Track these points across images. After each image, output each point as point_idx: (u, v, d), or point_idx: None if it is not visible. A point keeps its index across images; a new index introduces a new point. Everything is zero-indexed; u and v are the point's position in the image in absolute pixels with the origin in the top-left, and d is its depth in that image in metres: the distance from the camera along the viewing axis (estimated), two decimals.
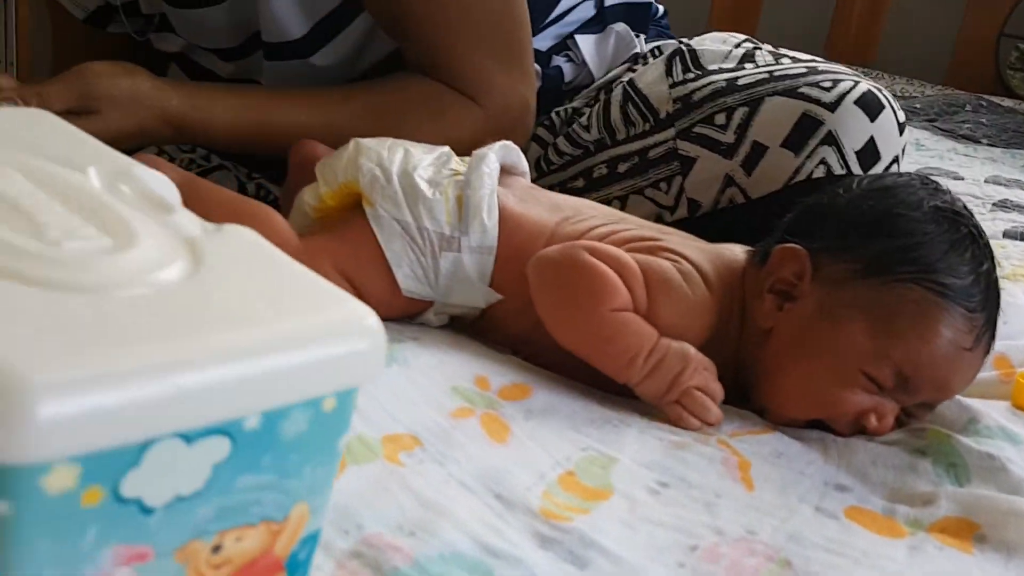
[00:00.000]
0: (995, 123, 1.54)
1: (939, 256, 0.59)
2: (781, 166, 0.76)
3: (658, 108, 0.83)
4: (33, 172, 0.40)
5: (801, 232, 0.64)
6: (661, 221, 0.81)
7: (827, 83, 0.76)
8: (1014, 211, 1.13)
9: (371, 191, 0.65)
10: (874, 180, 0.66)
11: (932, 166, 1.28)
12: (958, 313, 0.58)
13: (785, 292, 0.62)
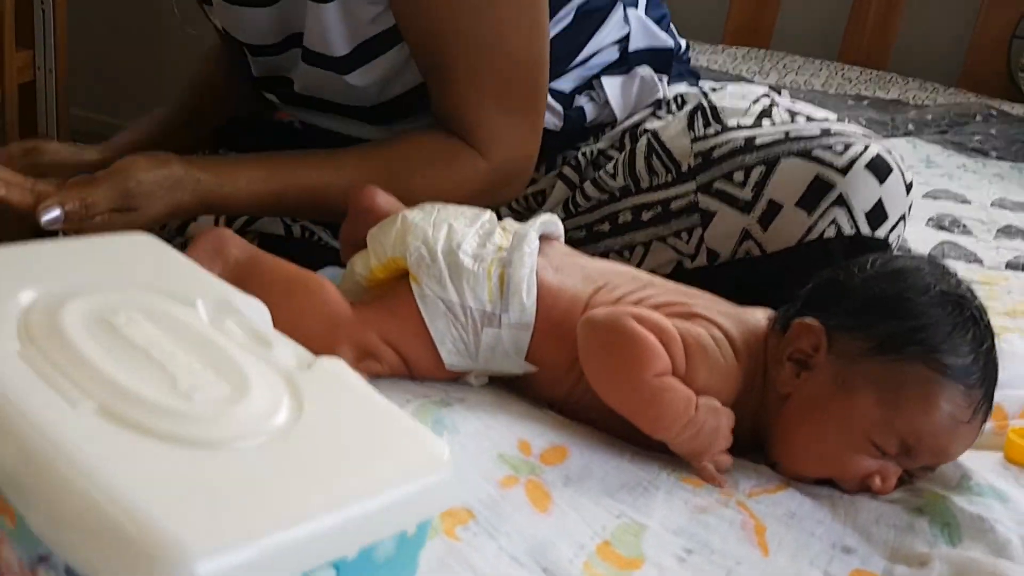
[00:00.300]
0: (1004, 133, 1.58)
1: (943, 338, 0.65)
2: (795, 224, 0.82)
3: (680, 161, 0.88)
4: (153, 312, 0.47)
5: (818, 306, 0.70)
6: (681, 268, 0.88)
7: (840, 147, 0.81)
8: (1017, 238, 1.18)
9: (417, 270, 0.71)
10: (887, 262, 0.71)
11: (941, 187, 1.32)
12: (958, 390, 0.65)
13: (803, 361, 0.69)
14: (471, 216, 0.77)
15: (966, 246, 1.14)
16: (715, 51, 1.86)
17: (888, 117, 1.60)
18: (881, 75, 1.85)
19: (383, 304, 0.73)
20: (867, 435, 0.65)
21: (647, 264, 0.89)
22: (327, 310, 0.73)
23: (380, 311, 0.72)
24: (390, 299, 0.73)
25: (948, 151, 1.48)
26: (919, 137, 1.52)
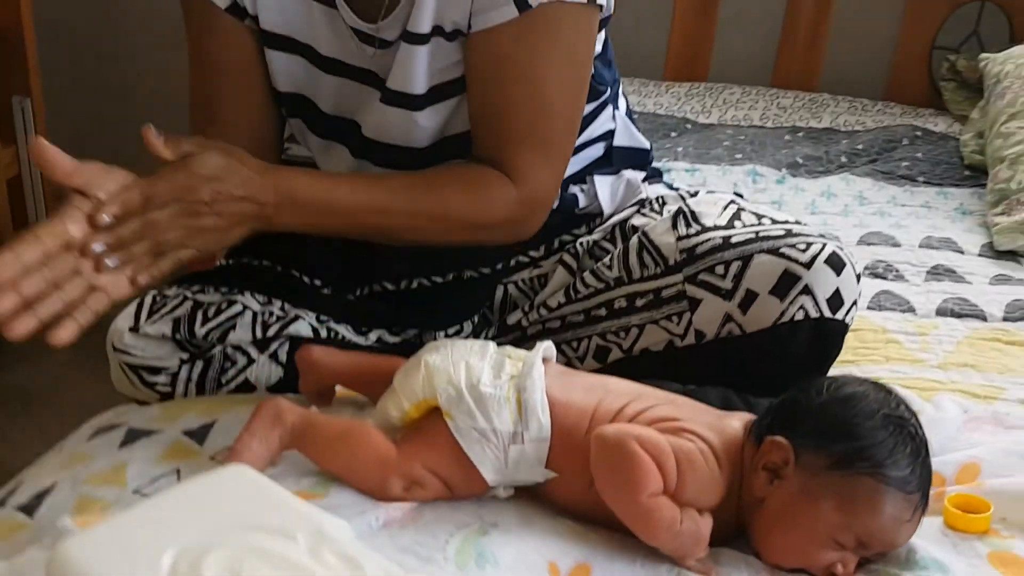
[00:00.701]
0: (930, 155, 1.74)
1: (887, 455, 0.80)
2: (769, 309, 0.98)
3: (668, 256, 1.04)
4: (266, 554, 0.60)
5: (785, 424, 0.85)
6: (673, 346, 1.04)
7: (803, 245, 0.98)
8: (945, 279, 1.34)
9: (449, 407, 0.86)
10: (839, 387, 0.85)
11: (874, 229, 1.47)
12: (900, 497, 0.80)
13: (775, 471, 0.84)
14: (479, 350, 0.91)
15: (901, 293, 1.30)
16: (659, 91, 2.00)
17: (823, 150, 1.75)
18: (814, 98, 1.99)
19: (423, 439, 0.87)
20: (829, 535, 0.80)
21: (641, 343, 1.06)
22: (376, 452, 0.87)
23: (421, 445, 0.86)
24: (428, 434, 0.87)
25: (879, 183, 1.64)
26: (851, 171, 1.68)
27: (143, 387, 1.09)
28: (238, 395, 1.09)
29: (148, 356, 1.08)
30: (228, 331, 1.08)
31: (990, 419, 1.02)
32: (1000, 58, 1.73)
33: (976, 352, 1.17)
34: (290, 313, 1.11)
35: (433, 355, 0.90)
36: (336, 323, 1.13)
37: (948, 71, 2.01)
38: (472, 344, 0.92)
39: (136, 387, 1.10)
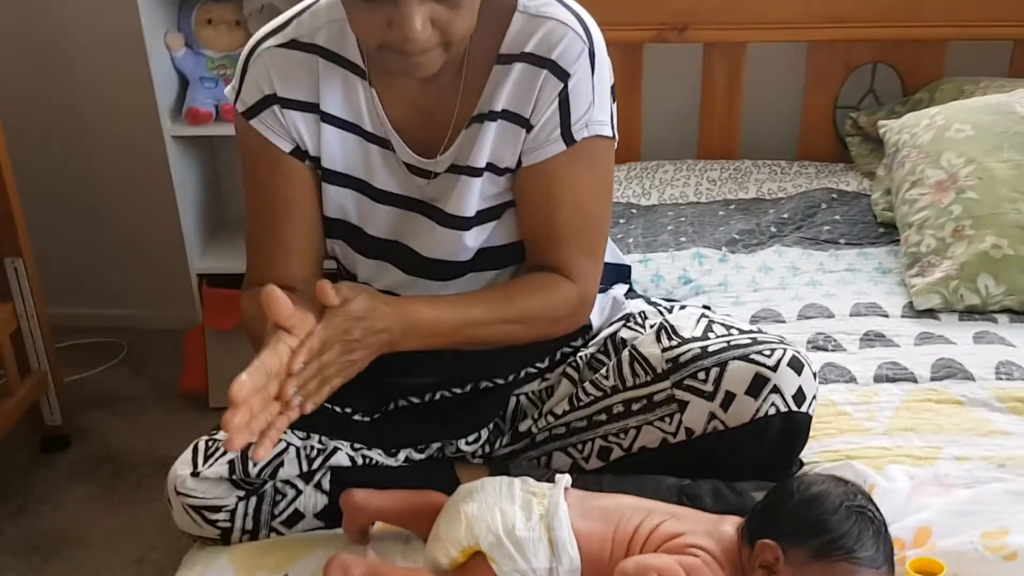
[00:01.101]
0: (847, 216, 1.96)
1: (855, 541, 1.00)
2: (746, 407, 1.19)
3: (656, 366, 1.24)
4: None
5: (770, 526, 1.04)
6: (666, 443, 1.23)
7: (767, 352, 1.19)
8: (877, 344, 1.55)
9: (492, 553, 1.05)
10: (808, 487, 1.05)
11: (808, 301, 1.67)
12: (871, 572, 1.00)
13: (769, 568, 1.03)
14: (508, 493, 1.10)
15: (843, 364, 1.50)
16: None
17: (754, 223, 1.95)
18: (737, 167, 2.20)
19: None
20: None
21: (639, 442, 1.25)
22: None
23: None
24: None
25: (807, 251, 1.85)
26: (781, 241, 1.88)
27: (205, 524, 1.25)
28: (298, 536, 1.26)
29: (209, 496, 1.24)
30: (278, 468, 1.25)
31: (933, 482, 1.22)
32: (896, 127, 1.96)
33: (913, 415, 1.38)
34: (328, 445, 1.28)
35: (470, 504, 1.08)
36: (368, 449, 1.30)
37: (851, 127, 2.24)
38: (500, 487, 1.11)
39: (199, 525, 1.25)
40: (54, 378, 2.35)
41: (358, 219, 1.27)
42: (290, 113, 1.23)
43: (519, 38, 1.20)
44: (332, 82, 1.22)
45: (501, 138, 1.21)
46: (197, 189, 2.48)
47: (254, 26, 2.30)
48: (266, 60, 1.23)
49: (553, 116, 1.20)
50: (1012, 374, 1.45)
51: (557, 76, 1.19)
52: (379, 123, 1.23)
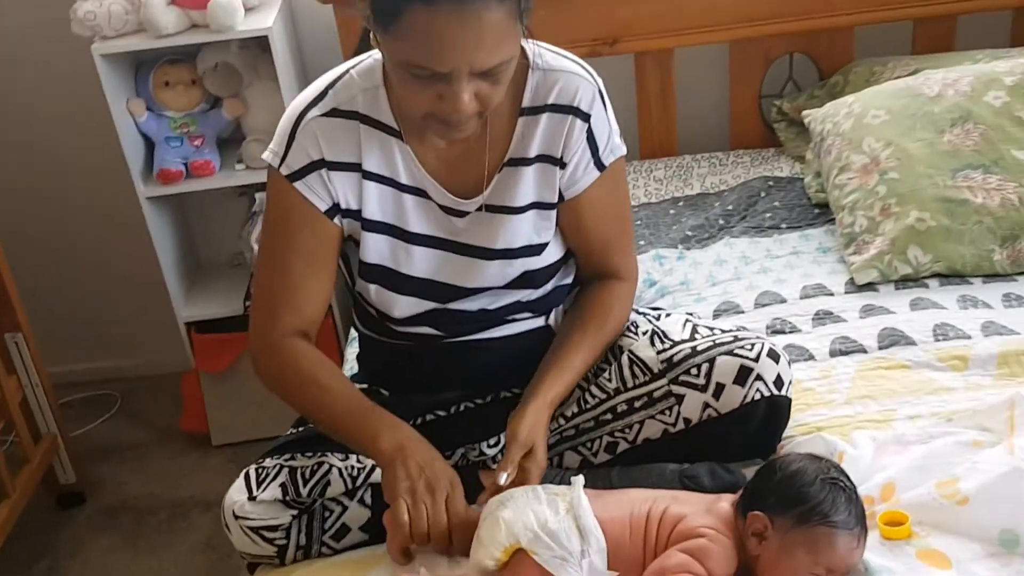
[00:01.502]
0: (785, 201, 2.15)
1: (830, 507, 1.19)
2: (735, 395, 1.38)
3: (652, 367, 1.44)
4: None
5: (758, 501, 1.22)
6: (668, 433, 1.42)
7: (748, 346, 1.39)
8: (828, 321, 1.74)
9: (532, 546, 1.21)
10: (788, 465, 1.24)
11: (762, 289, 1.85)
12: (846, 534, 1.19)
13: (760, 535, 1.22)
14: (535, 497, 1.27)
15: (801, 344, 1.69)
16: None
17: (703, 217, 2.14)
18: (679, 163, 2.38)
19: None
20: (807, 570, 1.18)
21: (643, 435, 1.44)
22: None
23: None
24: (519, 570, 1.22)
25: (754, 239, 2.03)
26: (730, 233, 2.07)
27: (264, 543, 1.41)
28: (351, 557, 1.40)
29: (266, 518, 1.40)
30: (325, 487, 1.41)
31: (893, 442, 1.42)
32: (819, 116, 2.16)
33: (867, 383, 1.57)
34: (366, 463, 1.44)
35: (505, 511, 1.25)
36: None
37: (777, 114, 2.43)
38: (527, 493, 1.28)
39: (258, 544, 1.41)
40: (63, 438, 2.47)
41: (393, 261, 1.43)
42: (336, 174, 1.38)
43: (539, 92, 1.39)
44: (371, 144, 1.38)
45: (541, 179, 1.41)
46: (173, 242, 2.61)
47: (210, 84, 2.43)
48: (314, 129, 1.37)
49: (585, 152, 1.41)
50: (948, 335, 1.65)
51: (581, 119, 1.39)
52: (413, 175, 1.40)
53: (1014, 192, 1.83)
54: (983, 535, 1.23)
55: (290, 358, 1.42)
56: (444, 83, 1.22)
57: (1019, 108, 1.93)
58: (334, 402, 1.40)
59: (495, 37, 1.20)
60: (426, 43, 1.19)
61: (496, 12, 1.18)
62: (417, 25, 1.18)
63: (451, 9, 1.16)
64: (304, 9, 2.53)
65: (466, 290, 1.45)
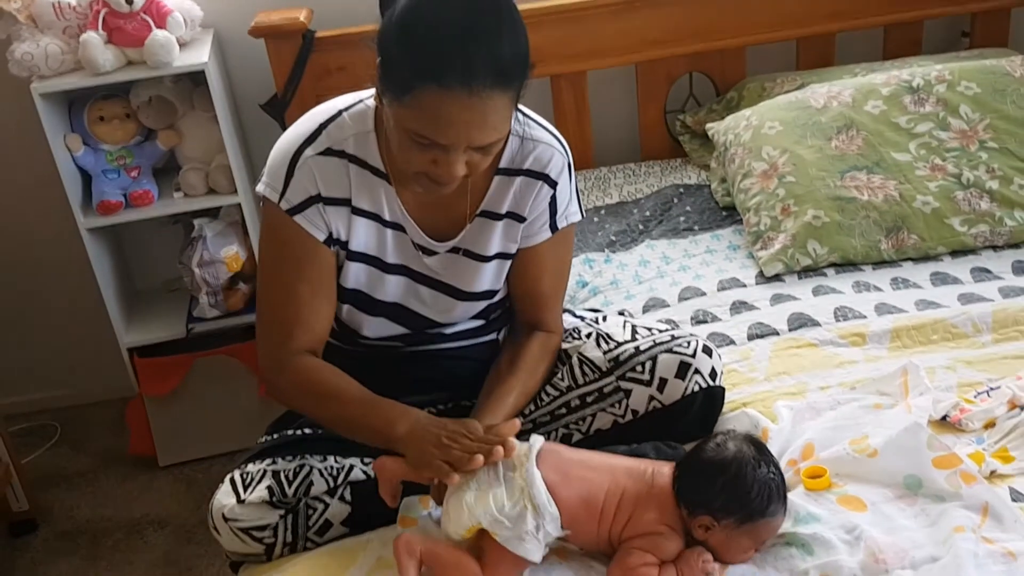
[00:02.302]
0: (696, 206, 2.37)
1: (767, 500, 1.35)
2: (677, 387, 1.56)
3: (600, 366, 1.60)
4: None
5: (705, 501, 1.35)
6: (617, 424, 1.59)
7: (685, 344, 1.57)
8: (743, 310, 1.95)
9: (493, 528, 1.36)
10: (722, 446, 1.39)
11: (684, 285, 2.05)
12: (778, 517, 1.37)
13: (707, 527, 1.36)
14: (495, 477, 1.39)
15: (722, 331, 1.89)
16: None
17: (624, 224, 2.34)
18: (597, 174, 2.58)
19: (489, 555, 1.37)
20: (748, 549, 1.36)
21: (595, 426, 1.60)
22: (470, 565, 1.37)
23: (491, 558, 1.37)
24: (488, 551, 1.37)
25: (672, 240, 2.24)
26: (649, 236, 2.28)
27: (252, 542, 1.51)
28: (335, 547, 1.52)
29: (255, 518, 1.51)
30: (309, 487, 1.53)
31: (808, 410, 1.62)
32: (721, 129, 2.39)
33: (782, 361, 1.78)
34: (344, 463, 1.56)
35: (468, 494, 1.39)
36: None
37: (681, 127, 2.66)
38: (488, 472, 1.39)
39: (247, 544, 1.51)
40: (15, 466, 2.52)
41: (367, 287, 1.58)
42: (330, 209, 1.50)
43: (517, 156, 1.53)
44: (360, 182, 1.51)
45: (506, 234, 1.57)
46: (112, 271, 2.68)
47: (145, 117, 2.53)
48: (311, 167, 1.48)
49: (544, 213, 1.57)
50: (847, 315, 1.89)
51: (549, 185, 1.56)
52: (395, 213, 1.54)
53: (895, 189, 2.09)
54: (891, 481, 1.44)
55: (304, 373, 1.53)
56: (441, 152, 1.34)
57: (896, 115, 2.19)
58: (349, 406, 1.51)
59: (496, 119, 1.33)
60: (434, 120, 1.31)
61: (500, 99, 1.31)
62: (427, 102, 1.29)
63: (461, 93, 1.28)
64: (233, 42, 2.64)
65: (431, 321, 1.61)
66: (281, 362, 1.54)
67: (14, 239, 2.81)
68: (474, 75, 1.28)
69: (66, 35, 2.39)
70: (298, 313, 1.54)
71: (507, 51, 1.31)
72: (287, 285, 1.54)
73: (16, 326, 2.91)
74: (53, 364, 2.99)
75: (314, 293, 1.54)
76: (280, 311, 1.55)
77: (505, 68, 1.31)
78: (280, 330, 1.55)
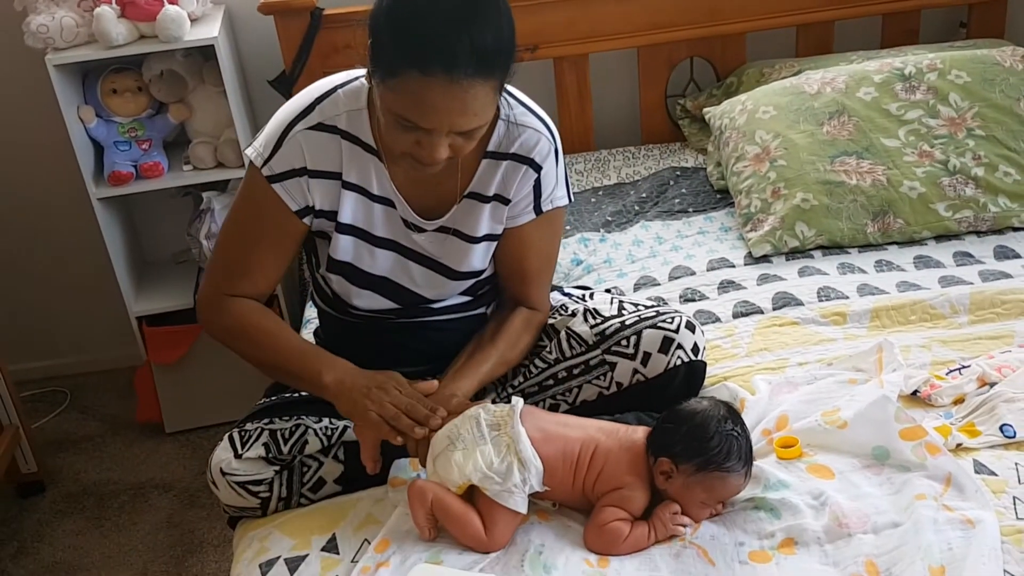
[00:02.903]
0: (691, 189, 2.42)
1: (724, 458, 1.41)
2: (659, 362, 1.61)
3: (587, 340, 1.66)
4: None
5: (668, 445, 1.44)
6: (602, 395, 1.64)
7: (669, 319, 1.62)
8: (731, 289, 2.01)
9: (482, 484, 1.43)
10: (693, 415, 1.45)
11: (675, 264, 2.11)
12: (736, 475, 1.43)
13: (667, 475, 1.44)
14: (480, 434, 1.47)
15: (708, 309, 1.95)
16: None
17: (620, 205, 2.39)
18: (596, 156, 2.63)
19: (481, 509, 1.44)
20: (705, 503, 1.43)
21: (581, 397, 1.66)
22: (476, 525, 1.44)
23: (484, 512, 1.43)
24: (480, 506, 1.44)
25: (666, 222, 2.29)
26: (644, 217, 2.33)
27: (249, 496, 1.58)
28: (328, 504, 1.59)
29: (251, 473, 1.58)
30: (304, 445, 1.60)
31: (785, 384, 1.68)
32: (718, 113, 2.44)
33: (764, 338, 1.84)
34: (339, 424, 1.63)
35: (456, 453, 1.46)
36: None
37: (681, 111, 2.71)
38: (472, 428, 1.47)
39: (243, 497, 1.59)
40: (24, 429, 2.59)
41: (356, 259, 1.63)
42: (315, 181, 1.56)
43: (504, 140, 1.57)
44: (351, 157, 1.56)
45: (493, 215, 1.62)
46: (122, 241, 2.75)
47: (156, 90, 2.59)
48: (300, 140, 1.53)
49: (528, 196, 1.61)
50: (829, 296, 1.94)
51: (533, 169, 1.59)
52: (385, 188, 1.59)
53: (883, 174, 2.14)
54: (859, 451, 1.50)
55: (239, 312, 1.62)
56: (424, 135, 1.39)
57: (887, 102, 2.23)
58: (278, 347, 1.60)
59: (477, 106, 1.37)
60: (416, 104, 1.35)
61: (482, 87, 1.35)
62: (410, 87, 1.34)
63: (443, 81, 1.32)
64: (243, 19, 2.70)
65: (419, 296, 1.66)
66: (218, 300, 1.63)
67: (27, 208, 2.88)
68: (455, 64, 1.31)
69: (80, 8, 2.45)
70: (247, 264, 1.62)
71: (490, 40, 1.33)
72: (245, 237, 1.62)
73: (28, 294, 2.99)
74: (64, 332, 3.06)
75: (267, 251, 1.62)
76: (232, 257, 1.63)
77: (487, 57, 1.34)
78: (226, 274, 1.63)
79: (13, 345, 2.94)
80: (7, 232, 2.91)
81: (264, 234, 1.61)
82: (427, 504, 1.45)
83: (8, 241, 2.92)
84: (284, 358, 1.60)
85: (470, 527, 1.43)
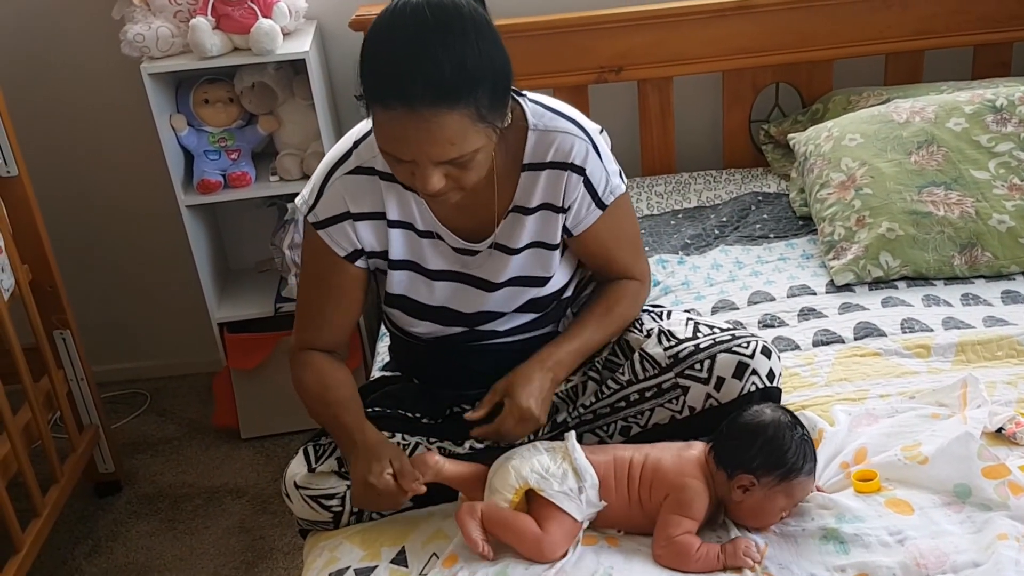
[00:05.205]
0: (773, 214, 2.39)
1: (801, 463, 1.42)
2: (734, 387, 1.58)
3: (660, 362, 1.63)
4: None
5: (745, 461, 1.43)
6: (675, 420, 1.61)
7: (744, 344, 1.59)
8: (811, 316, 1.98)
9: (540, 485, 1.44)
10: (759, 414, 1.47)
11: (754, 289, 2.08)
12: (810, 477, 1.43)
13: (745, 488, 1.44)
14: (536, 450, 1.49)
15: (788, 336, 1.92)
16: None
17: (700, 228, 2.38)
18: (677, 179, 2.62)
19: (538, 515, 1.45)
20: (783, 508, 1.43)
21: (653, 420, 1.63)
22: (531, 527, 1.45)
23: (542, 517, 1.44)
24: (538, 512, 1.45)
25: (746, 247, 2.27)
26: (724, 242, 2.31)
27: (322, 510, 1.60)
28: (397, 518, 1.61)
29: (324, 487, 1.60)
30: None
31: (865, 416, 1.64)
32: (803, 139, 2.41)
33: (844, 368, 1.81)
34: (411, 441, 1.65)
35: (514, 460, 1.48)
36: (441, 441, 1.67)
37: (764, 137, 2.68)
38: (528, 448, 1.51)
39: (316, 511, 1.61)
40: (104, 429, 2.66)
41: (411, 292, 1.65)
42: (361, 224, 1.58)
43: (537, 150, 1.56)
44: (390, 196, 1.57)
45: (542, 224, 1.61)
46: (208, 248, 2.82)
47: (247, 102, 2.65)
48: (339, 187, 1.56)
49: (584, 197, 1.59)
50: (913, 328, 1.90)
51: (577, 173, 1.57)
52: (428, 222, 1.60)
53: (971, 206, 2.08)
54: (940, 488, 1.46)
55: (307, 369, 1.66)
56: (414, 166, 1.39)
57: (977, 133, 2.18)
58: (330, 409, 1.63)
59: (449, 137, 1.34)
60: (389, 138, 1.37)
61: (448, 116, 1.32)
62: (380, 120, 1.36)
63: (403, 113, 1.32)
64: (334, 34, 2.76)
65: (476, 316, 1.66)
66: (293, 354, 1.69)
67: (117, 213, 2.96)
68: (410, 95, 1.31)
69: (176, 19, 2.53)
70: (310, 317, 1.67)
71: (447, 69, 1.31)
72: (309, 286, 1.68)
73: (114, 297, 3.07)
74: (146, 335, 3.14)
75: (330, 302, 1.66)
76: (302, 310, 1.69)
77: (444, 86, 1.31)
78: (298, 326, 1.69)
79: (98, 347, 3.02)
80: (97, 235, 2.99)
81: (321, 282, 1.65)
82: (477, 517, 1.46)
83: (97, 244, 3.00)
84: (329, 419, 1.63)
85: (527, 532, 1.44)
